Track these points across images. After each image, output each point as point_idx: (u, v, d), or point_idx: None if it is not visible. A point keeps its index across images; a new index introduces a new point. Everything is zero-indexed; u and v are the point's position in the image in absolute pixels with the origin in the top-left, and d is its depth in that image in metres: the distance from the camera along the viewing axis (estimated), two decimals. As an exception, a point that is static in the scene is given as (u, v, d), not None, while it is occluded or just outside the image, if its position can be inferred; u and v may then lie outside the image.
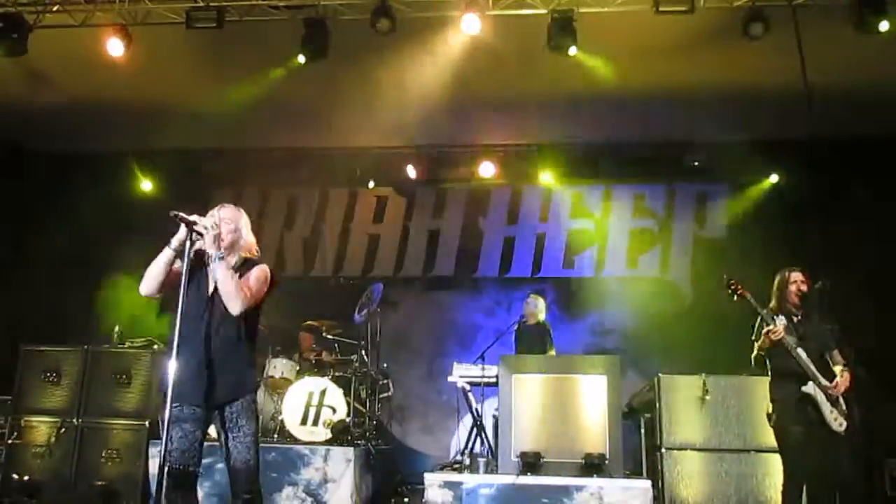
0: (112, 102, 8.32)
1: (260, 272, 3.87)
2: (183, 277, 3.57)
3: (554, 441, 6.38)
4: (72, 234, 9.20)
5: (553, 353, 7.81)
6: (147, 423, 7.05)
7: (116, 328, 7.78)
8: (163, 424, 3.47)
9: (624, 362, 7.04)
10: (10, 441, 7.13)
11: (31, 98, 8.27)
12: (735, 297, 5.06)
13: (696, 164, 9.41)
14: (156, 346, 7.37)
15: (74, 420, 7.13)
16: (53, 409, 7.20)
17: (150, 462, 6.81)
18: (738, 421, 6.49)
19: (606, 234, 9.91)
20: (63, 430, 7.09)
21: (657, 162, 9.53)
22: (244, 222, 3.99)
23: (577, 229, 9.98)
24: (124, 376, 7.21)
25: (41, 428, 7.16)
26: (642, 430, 7.13)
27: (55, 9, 6.84)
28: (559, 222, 9.99)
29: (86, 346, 7.33)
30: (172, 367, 3.50)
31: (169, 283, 3.72)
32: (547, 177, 9.71)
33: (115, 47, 6.82)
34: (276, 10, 6.81)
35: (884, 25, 6.22)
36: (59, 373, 7.28)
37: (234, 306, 3.71)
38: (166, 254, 3.70)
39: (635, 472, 6.95)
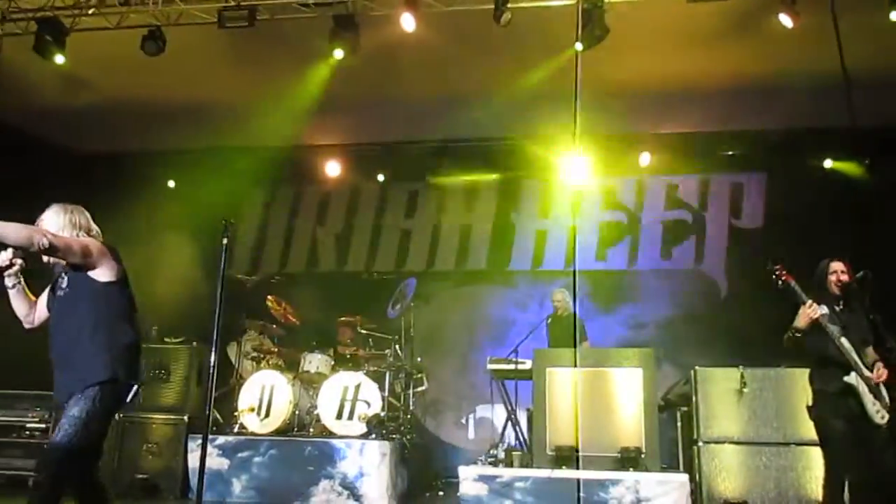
0: (147, 102, 8.45)
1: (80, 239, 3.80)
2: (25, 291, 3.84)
3: (589, 434, 6.33)
4: (110, 233, 9.33)
5: (588, 343, 7.78)
6: (186, 417, 7.22)
7: (154, 327, 7.91)
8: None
9: (659, 355, 6.96)
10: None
11: (68, 99, 8.43)
12: (780, 284, 4.86)
13: (731, 153, 9.30)
14: (194, 343, 7.50)
15: (116, 415, 7.25)
16: (95, 404, 7.34)
17: (189, 456, 6.94)
18: (777, 414, 6.37)
19: (639, 226, 9.83)
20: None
21: (691, 152, 9.42)
22: (63, 221, 3.88)
23: (610, 221, 9.92)
24: (163, 371, 7.36)
25: (84, 423, 7.30)
26: (679, 424, 7.06)
27: (91, 12, 6.97)
28: (591, 215, 9.93)
29: (126, 343, 7.44)
30: None
31: (41, 312, 3.90)
32: (581, 169, 9.65)
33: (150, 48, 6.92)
34: (307, 8, 6.84)
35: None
36: (101, 369, 7.42)
37: (10, 235, 3.41)
38: (9, 293, 3.86)
39: (672, 466, 6.90)
